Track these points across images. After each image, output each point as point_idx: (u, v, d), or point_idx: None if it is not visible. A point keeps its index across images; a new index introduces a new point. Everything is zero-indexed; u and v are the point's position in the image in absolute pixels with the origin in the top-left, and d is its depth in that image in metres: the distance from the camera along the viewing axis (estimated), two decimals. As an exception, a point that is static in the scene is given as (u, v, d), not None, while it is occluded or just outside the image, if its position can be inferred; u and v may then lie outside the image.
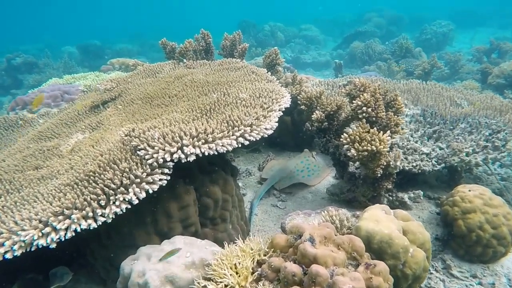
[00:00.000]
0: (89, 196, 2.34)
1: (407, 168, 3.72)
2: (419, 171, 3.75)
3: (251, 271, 2.09)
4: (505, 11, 23.12)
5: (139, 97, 4.02)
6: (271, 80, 4.25)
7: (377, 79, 5.92)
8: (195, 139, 2.61)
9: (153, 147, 2.58)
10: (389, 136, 2.98)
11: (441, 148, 4.12)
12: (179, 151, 2.55)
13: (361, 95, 3.24)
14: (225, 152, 2.72)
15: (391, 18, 20.13)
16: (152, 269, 2.25)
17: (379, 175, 3.27)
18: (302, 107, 4.03)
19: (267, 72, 4.38)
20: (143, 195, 2.43)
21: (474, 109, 4.54)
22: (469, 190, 3.48)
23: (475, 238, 3.23)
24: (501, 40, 11.88)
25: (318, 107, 3.83)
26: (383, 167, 3.22)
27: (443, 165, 3.87)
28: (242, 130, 2.82)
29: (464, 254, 3.34)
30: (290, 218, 3.15)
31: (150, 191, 2.47)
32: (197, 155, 2.63)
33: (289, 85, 5.04)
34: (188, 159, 2.58)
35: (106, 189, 2.37)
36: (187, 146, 2.57)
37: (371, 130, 3.04)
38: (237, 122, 2.87)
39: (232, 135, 2.78)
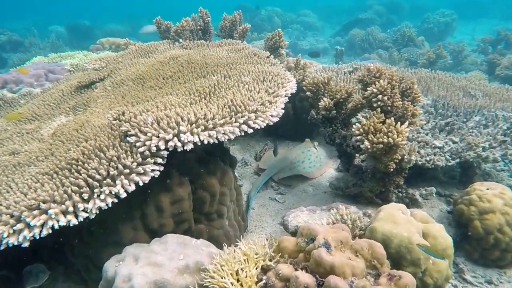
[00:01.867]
0: (70, 188, 2.02)
1: (420, 162, 3.45)
2: (433, 166, 3.49)
3: (256, 279, 1.81)
4: (507, 1, 22.72)
5: (130, 78, 3.67)
6: (274, 63, 3.92)
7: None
8: (194, 125, 2.29)
9: (145, 133, 2.26)
10: (407, 127, 2.70)
11: (454, 142, 3.85)
12: (175, 139, 2.24)
13: (376, 82, 2.94)
14: (226, 140, 2.41)
15: (392, 6, 19.70)
16: (139, 273, 1.96)
17: (391, 170, 3.00)
18: (308, 93, 3.72)
19: (270, 55, 4.05)
20: (132, 187, 2.12)
21: (490, 101, 4.27)
22: (487, 189, 3.22)
23: (493, 241, 2.98)
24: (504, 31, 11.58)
25: (325, 94, 3.52)
26: (397, 161, 2.94)
27: (457, 160, 3.61)
28: (246, 117, 2.51)
29: (479, 258, 3.09)
30: (294, 216, 2.87)
31: (141, 183, 2.17)
32: (195, 144, 2.32)
33: (291, 70, 4.72)
34: (185, 148, 2.27)
35: (90, 180, 2.05)
36: (184, 133, 2.26)
37: (388, 121, 2.75)
38: (240, 107, 2.56)
39: (235, 122, 2.47)
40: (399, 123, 2.70)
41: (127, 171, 2.12)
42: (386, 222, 2.29)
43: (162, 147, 2.21)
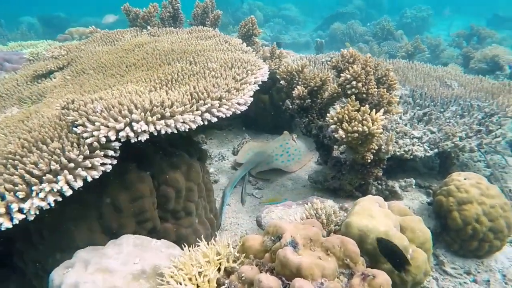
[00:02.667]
0: (3, 186, 1.77)
1: (398, 153, 3.31)
2: (411, 156, 3.36)
3: (215, 285, 1.61)
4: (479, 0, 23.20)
5: (92, 67, 3.41)
6: (246, 51, 3.71)
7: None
8: (149, 113, 2.06)
9: (93, 123, 2.02)
10: (383, 115, 2.53)
11: (432, 132, 3.73)
12: (127, 128, 2.01)
13: (350, 67, 2.76)
14: (187, 130, 2.19)
15: (371, 1, 19.71)
16: (88, 281, 1.73)
17: (369, 160, 2.84)
18: (282, 82, 3.53)
19: (242, 43, 3.84)
20: (78, 183, 1.88)
21: (465, 91, 4.18)
22: (465, 179, 3.11)
23: (471, 231, 2.88)
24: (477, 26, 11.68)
25: (299, 82, 3.34)
26: (374, 151, 2.79)
27: (436, 150, 3.49)
28: (209, 104, 2.30)
29: (459, 249, 2.99)
30: (267, 211, 2.68)
31: (89, 179, 1.93)
32: (151, 134, 2.09)
33: (267, 60, 4.51)
34: (140, 139, 2.04)
35: (28, 176, 1.80)
36: (137, 122, 2.03)
37: (362, 108, 2.58)
38: (203, 94, 2.34)
39: (196, 110, 2.25)
40: (374, 110, 2.54)
41: (72, 165, 1.88)
42: (362, 216, 2.12)
43: (113, 137, 1.98)
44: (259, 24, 4.92)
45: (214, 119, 2.33)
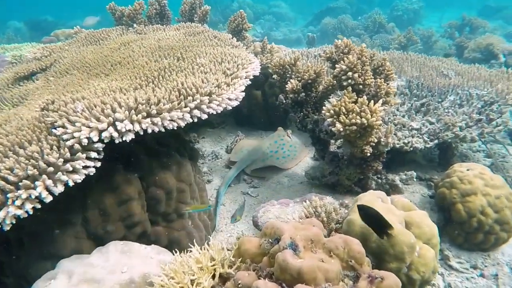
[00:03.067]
0: (-25, 195, 1.62)
1: (397, 145, 3.20)
2: (411, 148, 3.25)
3: (210, 293, 1.48)
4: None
5: (76, 67, 3.26)
6: (236, 45, 3.58)
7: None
8: (133, 111, 1.93)
9: (74, 123, 1.87)
10: (381, 106, 2.41)
11: (431, 123, 3.63)
12: (111, 128, 1.87)
13: (345, 58, 2.64)
14: (175, 128, 2.06)
15: (362, -5, 19.59)
16: (71, 293, 1.60)
17: (368, 154, 2.73)
18: (274, 76, 3.40)
19: (232, 38, 3.71)
20: (59, 189, 1.74)
21: (463, 80, 4.08)
22: (468, 169, 3.01)
23: (476, 224, 2.78)
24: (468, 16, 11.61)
25: (293, 76, 3.22)
26: (374, 144, 2.67)
27: (436, 141, 3.38)
28: (198, 101, 2.17)
29: (463, 242, 2.89)
30: (264, 210, 2.55)
31: (71, 183, 1.79)
32: (137, 134, 1.96)
33: (258, 55, 4.38)
34: (125, 139, 1.91)
35: (2, 183, 1.66)
36: (121, 121, 1.89)
37: (360, 100, 2.46)
38: (191, 90, 2.21)
39: (185, 107, 2.12)
40: (372, 101, 2.42)
41: (52, 169, 1.73)
42: (364, 213, 2.00)
43: (95, 138, 1.84)
44: (250, 21, 4.78)
45: (204, 116, 2.20)
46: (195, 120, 2.16)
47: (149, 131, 1.95)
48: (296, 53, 3.32)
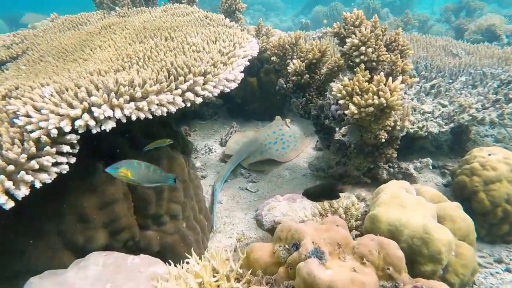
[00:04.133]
0: None
1: (411, 130, 2.91)
2: (426, 133, 2.96)
3: (215, 318, 1.17)
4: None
5: (51, 53, 2.89)
6: (230, 26, 3.24)
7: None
8: (113, 95, 1.59)
9: (40, 110, 1.53)
10: (402, 83, 2.11)
11: (444, 105, 3.35)
12: (86, 115, 1.53)
13: (357, 31, 2.33)
14: (165, 115, 1.73)
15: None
16: (39, 322, 1.27)
17: (383, 140, 2.43)
18: (273, 58, 3.08)
19: (225, 18, 3.37)
20: (23, 192, 1.41)
21: (475, 59, 3.80)
22: (489, 154, 2.74)
23: (501, 214, 2.52)
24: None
25: (294, 56, 2.90)
26: (390, 129, 2.38)
27: (452, 125, 3.10)
28: (191, 81, 1.84)
29: (486, 235, 2.62)
30: (269, 208, 2.25)
31: (38, 184, 1.45)
32: (119, 122, 1.62)
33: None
34: (104, 128, 1.57)
35: None
36: (99, 106, 1.56)
37: (376, 77, 2.16)
38: (182, 70, 1.87)
39: (176, 89, 1.79)
40: (390, 79, 2.12)
41: (12, 168, 1.40)
42: (391, 207, 1.71)
43: (67, 128, 1.51)
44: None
45: (199, 100, 1.87)
46: (188, 104, 1.84)
47: (134, 118, 1.62)
48: (296, 32, 3.02)
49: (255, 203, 3.11)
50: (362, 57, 2.32)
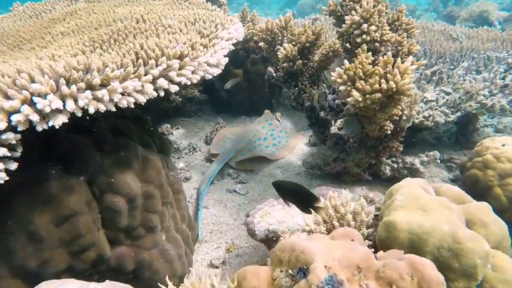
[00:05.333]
0: None
1: (416, 120, 2.64)
2: (432, 123, 2.69)
3: None
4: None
5: (6, 43, 2.51)
6: (212, 9, 2.91)
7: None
8: (63, 81, 1.25)
9: (-36, 104, 1.18)
10: (413, 64, 1.82)
11: (448, 93, 3.09)
12: (26, 108, 1.19)
13: (357, 7, 2.02)
14: (132, 107, 1.40)
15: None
16: None
17: (389, 131, 2.14)
18: (261, 44, 2.76)
19: (206, 1, 3.03)
20: None
21: (477, 43, 3.56)
22: (503, 145, 2.49)
23: (520, 211, 2.27)
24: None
25: (285, 40, 2.59)
26: (397, 118, 2.09)
27: (458, 114, 2.84)
28: (164, 65, 1.51)
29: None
30: (261, 214, 1.93)
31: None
32: (74, 116, 1.29)
33: (238, 26, 3.71)
34: (52, 123, 1.23)
35: None
36: (43, 95, 1.21)
37: (383, 59, 1.86)
38: (154, 52, 1.54)
39: (146, 75, 1.45)
40: (398, 59, 1.82)
41: None
42: (410, 211, 1.42)
43: (2, 125, 1.16)
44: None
45: (174, 88, 1.54)
46: (161, 93, 1.50)
47: (91, 110, 1.28)
48: (286, 14, 2.70)
49: (245, 206, 2.79)
50: (364, 36, 2.02)
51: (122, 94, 1.36)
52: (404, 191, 1.51)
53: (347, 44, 2.35)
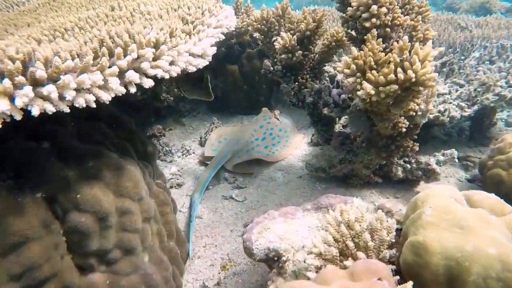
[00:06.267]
0: None
1: (431, 116, 2.36)
2: (448, 118, 2.41)
3: None
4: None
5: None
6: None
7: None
8: (-6, 75, 0.96)
9: None
10: (433, 49, 1.54)
11: (461, 85, 2.81)
12: None
13: (365, -13, 1.74)
14: (93, 106, 1.11)
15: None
16: None
17: (404, 129, 1.86)
18: (256, 34, 2.48)
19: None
20: None
21: (489, 31, 3.28)
22: (530, 141, 2.22)
23: (551, 214, 1.97)
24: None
25: (282, 30, 2.31)
26: (414, 114, 1.81)
27: (475, 107, 2.56)
28: (134, 55, 1.22)
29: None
30: (260, 229, 1.65)
31: None
32: (13, 120, 1.00)
33: (231, 17, 3.43)
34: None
35: None
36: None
37: (398, 44, 1.58)
38: (122, 38, 1.26)
39: (110, 67, 1.17)
40: (416, 44, 1.54)
41: None
42: (443, 229, 1.14)
43: None
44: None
45: (148, 82, 1.26)
46: (132, 90, 1.22)
47: (35, 112, 0.99)
48: (283, 1, 2.42)
49: (243, 215, 2.51)
50: (373, 20, 1.74)
51: (78, 90, 1.07)
52: (433, 203, 1.23)
53: (353, 32, 2.07)
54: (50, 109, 1.01)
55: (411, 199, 1.39)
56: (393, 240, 1.27)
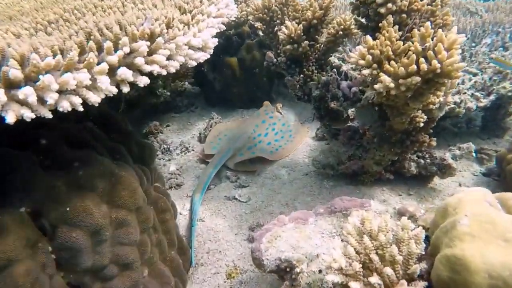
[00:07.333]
0: None
1: (447, 107, 2.21)
2: (464, 110, 2.28)
3: None
4: None
5: None
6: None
7: None
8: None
9: None
10: (459, 36, 1.39)
11: (474, 74, 2.66)
12: None
13: (379, -32, 1.58)
14: (79, 109, 0.96)
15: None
16: None
17: (422, 124, 1.72)
18: (257, 24, 2.32)
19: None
20: None
21: (500, 15, 3.12)
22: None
23: None
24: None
25: (286, 19, 2.15)
26: (434, 107, 1.67)
27: (492, 97, 2.42)
28: (127, 49, 1.06)
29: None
30: (270, 237, 1.51)
31: None
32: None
33: (229, 7, 3.25)
34: None
35: None
36: None
37: (419, 32, 1.43)
38: (112, 30, 1.10)
39: (99, 64, 1.01)
40: (440, 31, 1.39)
41: None
42: (485, 242, 1.00)
43: None
44: None
45: (143, 80, 1.10)
46: (125, 89, 1.07)
47: (10, 120, 0.84)
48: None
49: (248, 217, 2.37)
50: (389, 5, 1.58)
51: (61, 92, 0.92)
52: (468, 211, 1.09)
53: (363, 20, 1.92)
54: (28, 115, 0.86)
55: (439, 204, 1.25)
56: (423, 252, 1.13)
